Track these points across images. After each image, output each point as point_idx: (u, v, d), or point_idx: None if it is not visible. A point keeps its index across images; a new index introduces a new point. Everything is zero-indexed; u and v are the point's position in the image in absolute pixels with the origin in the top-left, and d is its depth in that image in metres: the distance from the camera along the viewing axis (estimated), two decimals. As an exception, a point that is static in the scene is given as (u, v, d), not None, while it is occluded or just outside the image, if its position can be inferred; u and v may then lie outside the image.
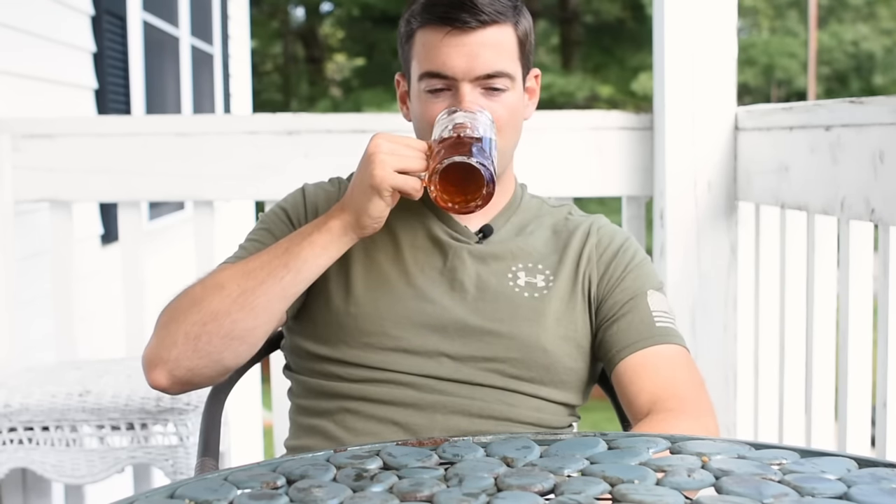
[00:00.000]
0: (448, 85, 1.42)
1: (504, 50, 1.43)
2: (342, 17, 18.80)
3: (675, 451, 0.98)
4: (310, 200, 1.53)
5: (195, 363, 1.36)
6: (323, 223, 1.37)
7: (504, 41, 1.43)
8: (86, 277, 2.98)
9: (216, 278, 1.39)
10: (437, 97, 1.43)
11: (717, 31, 2.38)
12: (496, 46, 1.42)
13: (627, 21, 17.30)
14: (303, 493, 0.88)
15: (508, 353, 1.42)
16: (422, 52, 1.43)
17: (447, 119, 1.36)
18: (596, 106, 15.08)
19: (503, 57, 1.42)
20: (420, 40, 1.44)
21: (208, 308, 1.35)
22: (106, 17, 3.82)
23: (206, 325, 1.35)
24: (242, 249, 1.50)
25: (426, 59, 1.42)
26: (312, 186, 1.57)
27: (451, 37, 1.40)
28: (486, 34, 1.41)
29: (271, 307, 1.36)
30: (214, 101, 6.22)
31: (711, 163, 2.37)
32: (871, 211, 1.78)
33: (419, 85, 1.44)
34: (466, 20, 1.39)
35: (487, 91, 1.42)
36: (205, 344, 1.35)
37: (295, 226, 1.50)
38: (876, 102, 1.78)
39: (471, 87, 1.41)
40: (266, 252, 1.39)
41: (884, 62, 17.52)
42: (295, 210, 1.52)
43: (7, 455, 2.10)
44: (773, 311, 2.25)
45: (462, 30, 1.40)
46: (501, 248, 1.50)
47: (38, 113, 3.08)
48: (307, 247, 1.36)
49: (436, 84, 1.42)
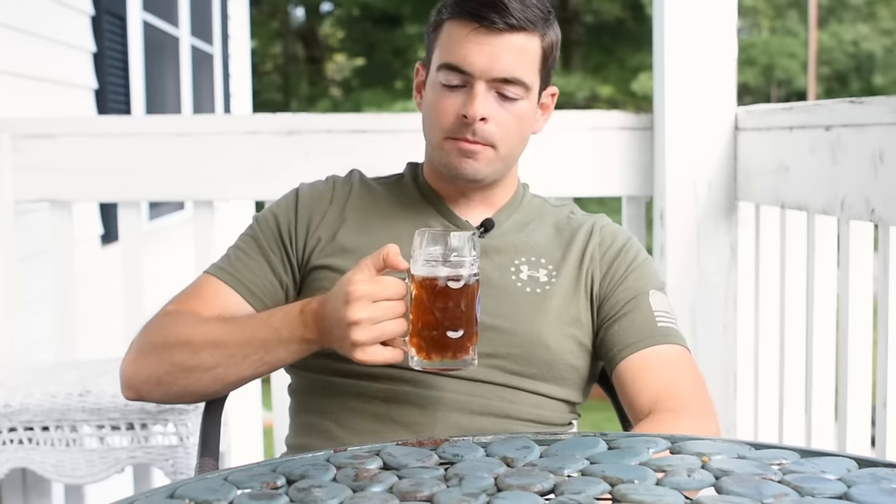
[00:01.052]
0: (464, 81, 1.42)
1: (526, 58, 1.43)
2: (342, 17, 18.80)
3: (675, 451, 0.98)
4: (302, 205, 1.53)
5: (162, 398, 1.45)
6: (300, 335, 1.35)
7: (528, 49, 1.43)
8: (86, 277, 2.98)
9: (186, 329, 1.42)
10: (451, 92, 1.43)
11: (717, 31, 2.38)
12: (519, 53, 1.42)
13: (627, 21, 17.31)
14: (303, 493, 0.88)
15: (510, 349, 1.43)
16: (446, 43, 1.44)
17: (427, 268, 1.25)
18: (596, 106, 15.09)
19: (523, 65, 1.43)
20: (447, 31, 1.44)
21: (175, 361, 1.41)
22: (106, 17, 3.82)
23: (171, 375, 1.41)
24: (228, 262, 1.52)
25: (449, 50, 1.43)
26: (307, 187, 1.57)
27: (477, 34, 1.41)
28: (512, 39, 1.41)
29: (240, 382, 1.42)
30: (214, 101, 6.22)
31: (711, 163, 2.37)
32: (871, 211, 1.78)
33: (437, 75, 1.45)
34: (495, 20, 1.40)
35: (500, 96, 1.43)
36: (169, 387, 1.43)
37: (283, 237, 1.51)
38: (876, 102, 1.78)
39: (485, 88, 1.41)
40: (240, 330, 1.39)
41: (884, 62, 17.52)
42: (286, 218, 1.53)
43: (7, 455, 2.10)
44: (773, 311, 2.25)
45: (489, 29, 1.40)
46: (504, 241, 1.50)
47: (38, 113, 3.08)
48: (283, 350, 1.36)
49: (453, 79, 1.43)
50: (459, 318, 1.24)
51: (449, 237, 1.24)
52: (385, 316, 1.23)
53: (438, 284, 1.23)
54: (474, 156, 1.44)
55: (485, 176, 1.47)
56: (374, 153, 2.39)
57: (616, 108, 2.83)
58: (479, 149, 1.43)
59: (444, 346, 1.24)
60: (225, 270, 1.50)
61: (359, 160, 1.70)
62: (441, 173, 1.51)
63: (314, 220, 1.52)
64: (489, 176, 1.47)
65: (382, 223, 1.51)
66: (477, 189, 1.51)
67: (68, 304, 2.51)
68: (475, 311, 1.26)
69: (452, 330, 1.24)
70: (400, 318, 1.25)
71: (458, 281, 1.23)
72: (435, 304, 1.23)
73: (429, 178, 1.56)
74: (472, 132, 1.42)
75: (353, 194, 1.55)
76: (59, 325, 2.51)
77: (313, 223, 1.52)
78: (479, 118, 1.41)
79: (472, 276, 1.25)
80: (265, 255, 1.50)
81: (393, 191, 1.57)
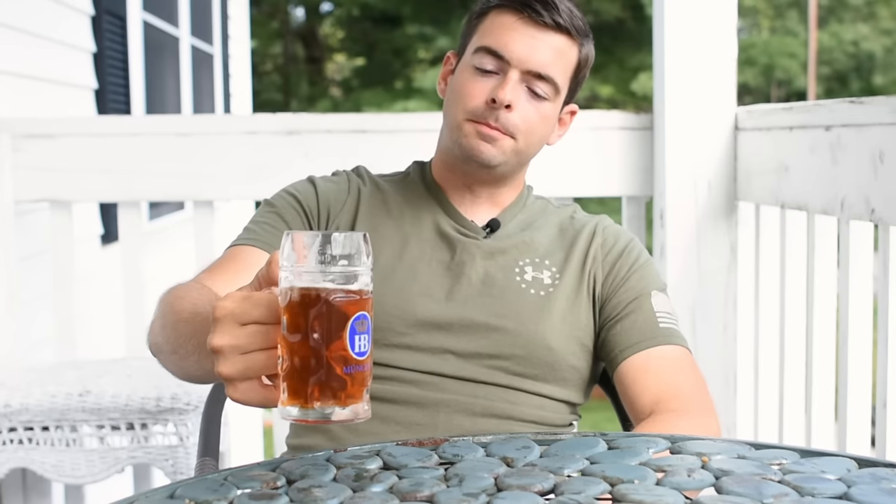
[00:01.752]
0: (499, 68, 1.43)
1: (563, 60, 1.45)
2: (342, 17, 18.80)
3: (675, 451, 0.98)
4: (321, 191, 1.52)
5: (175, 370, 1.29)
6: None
7: (566, 53, 1.45)
8: (86, 277, 2.98)
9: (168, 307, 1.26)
10: (483, 76, 1.44)
11: (717, 31, 2.38)
12: (557, 53, 1.44)
13: (627, 21, 17.31)
14: (303, 493, 0.88)
15: (513, 350, 1.43)
16: (489, 29, 1.45)
17: (305, 279, 0.90)
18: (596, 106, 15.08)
19: (559, 66, 1.44)
20: (491, 19, 1.46)
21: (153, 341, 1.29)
22: (106, 17, 3.82)
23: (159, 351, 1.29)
24: (250, 231, 1.48)
25: (490, 35, 1.44)
26: (321, 178, 1.56)
27: (523, 23, 1.43)
28: (554, 38, 1.43)
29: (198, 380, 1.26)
30: (214, 101, 6.22)
31: (711, 163, 2.37)
32: (871, 211, 1.78)
33: (472, 58, 1.46)
34: (542, 14, 1.42)
35: (530, 92, 1.44)
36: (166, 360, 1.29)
37: (306, 212, 1.50)
38: (876, 102, 1.78)
39: (518, 78, 1.42)
40: (187, 321, 1.19)
41: (884, 62, 17.52)
42: (306, 198, 1.51)
43: (7, 455, 2.10)
44: (773, 311, 2.25)
45: (535, 22, 1.42)
46: (508, 242, 1.50)
47: (38, 113, 3.08)
48: (208, 361, 1.00)
49: (487, 63, 1.43)
50: (346, 351, 0.90)
51: (332, 238, 0.91)
52: (254, 344, 0.92)
53: (320, 302, 0.90)
54: (493, 141, 1.44)
55: (499, 163, 1.46)
56: (374, 153, 2.39)
57: (616, 108, 2.83)
58: (499, 136, 1.44)
59: (326, 389, 0.90)
60: (248, 238, 1.46)
61: (359, 160, 1.69)
62: (454, 158, 1.49)
63: (334, 207, 1.51)
64: (502, 165, 1.47)
65: (390, 223, 1.51)
66: (484, 185, 1.51)
67: (68, 304, 2.51)
68: (368, 340, 0.91)
69: (340, 364, 0.90)
70: (272, 353, 0.93)
71: (347, 298, 0.90)
72: (315, 330, 0.89)
73: (437, 174, 1.55)
74: (496, 118, 1.42)
75: (364, 189, 1.55)
76: (59, 325, 2.51)
77: (333, 210, 1.51)
78: (506, 105, 1.41)
79: (367, 293, 0.92)
80: (287, 222, 1.48)
81: (399, 188, 1.56)
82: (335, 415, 0.90)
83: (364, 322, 0.91)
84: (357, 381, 0.91)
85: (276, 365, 0.92)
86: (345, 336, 0.90)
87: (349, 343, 0.90)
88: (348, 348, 0.90)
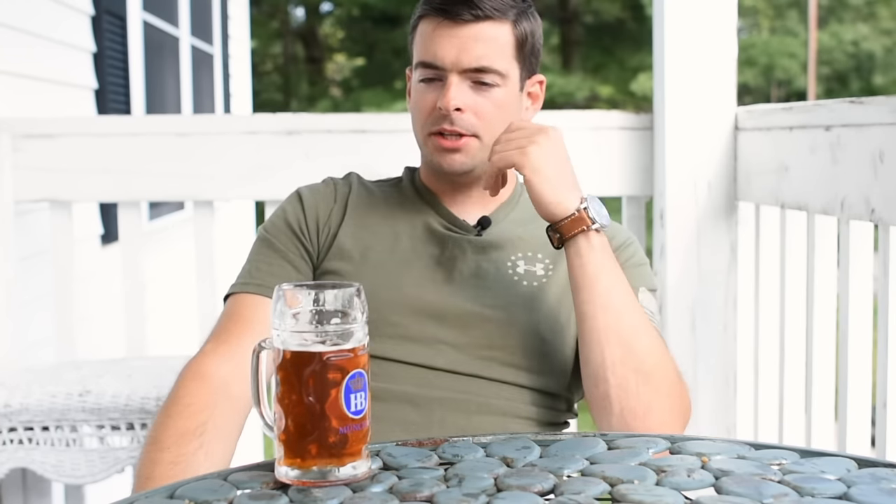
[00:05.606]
0: (438, 76, 1.44)
1: (497, 46, 1.44)
2: (342, 17, 18.81)
3: (674, 452, 0.98)
4: (308, 205, 1.54)
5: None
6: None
7: (498, 38, 1.44)
8: (86, 277, 2.98)
9: (162, 421, 1.32)
10: (428, 87, 1.46)
11: (717, 31, 2.38)
12: (489, 42, 1.43)
13: (627, 21, 17.31)
14: (303, 493, 0.88)
15: (506, 340, 1.43)
16: (420, 42, 1.47)
17: (297, 338, 0.90)
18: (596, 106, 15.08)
19: (494, 53, 1.44)
20: (420, 31, 1.47)
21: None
22: (106, 17, 3.82)
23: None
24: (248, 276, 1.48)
25: (422, 47, 1.46)
26: (307, 189, 1.57)
27: (444, 27, 1.43)
28: (480, 28, 1.43)
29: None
30: (214, 101, 6.22)
31: (711, 163, 2.37)
32: (871, 211, 1.78)
33: (416, 73, 1.48)
34: (460, 12, 1.42)
35: (476, 84, 1.44)
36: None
37: (300, 237, 1.51)
38: (876, 102, 1.78)
39: (459, 79, 1.43)
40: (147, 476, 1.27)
41: (884, 62, 17.53)
42: (296, 218, 1.53)
43: (7, 455, 2.10)
44: (773, 311, 2.24)
45: (455, 21, 1.42)
46: (500, 238, 1.51)
47: (38, 113, 3.08)
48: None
49: (428, 74, 1.45)
50: (342, 410, 0.89)
51: (325, 294, 0.90)
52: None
53: (314, 362, 0.89)
54: (456, 150, 1.45)
55: (471, 167, 1.48)
56: (374, 153, 2.39)
57: (616, 108, 2.83)
58: (462, 142, 1.45)
59: (323, 449, 0.89)
60: (248, 283, 1.48)
61: (359, 160, 1.70)
62: (433, 169, 1.52)
63: (322, 216, 1.53)
64: (476, 168, 1.48)
65: (382, 222, 1.52)
66: (472, 185, 1.52)
67: (68, 304, 2.51)
68: (365, 397, 0.91)
69: (337, 424, 0.89)
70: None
71: (341, 357, 0.89)
72: (310, 392, 0.89)
73: (425, 179, 1.57)
74: (451, 122, 1.44)
75: (352, 194, 1.56)
76: (59, 325, 2.51)
77: (321, 218, 1.52)
78: (454, 109, 1.42)
79: (361, 350, 0.91)
80: (283, 255, 1.50)
81: (391, 192, 1.58)
82: (333, 474, 0.89)
83: (360, 380, 0.89)
84: (355, 440, 0.90)
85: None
86: (339, 396, 0.88)
87: (344, 403, 0.89)
88: (344, 408, 0.89)
